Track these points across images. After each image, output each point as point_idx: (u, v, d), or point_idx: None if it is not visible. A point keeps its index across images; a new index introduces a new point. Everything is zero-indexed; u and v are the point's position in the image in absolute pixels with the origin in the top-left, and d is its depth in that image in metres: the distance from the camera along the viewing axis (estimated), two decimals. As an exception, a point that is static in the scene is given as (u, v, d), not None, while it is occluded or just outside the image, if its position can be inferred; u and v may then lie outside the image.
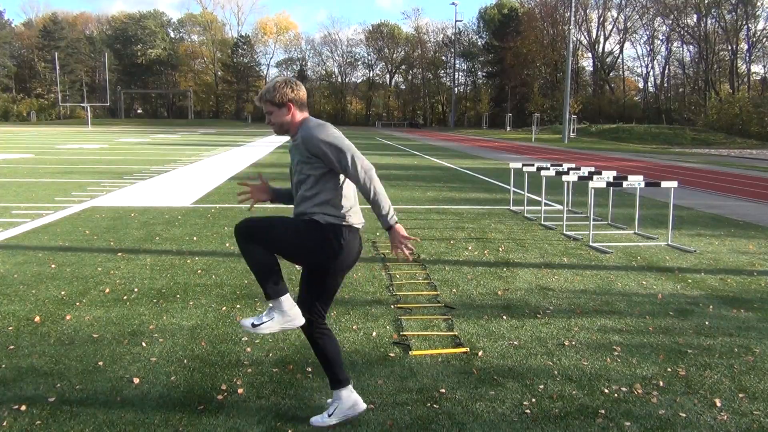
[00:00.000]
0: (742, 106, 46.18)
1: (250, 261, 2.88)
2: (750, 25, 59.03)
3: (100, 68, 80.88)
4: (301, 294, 3.08)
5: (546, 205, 9.59)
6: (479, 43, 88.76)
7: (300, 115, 2.93)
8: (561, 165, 9.51)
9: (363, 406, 3.12)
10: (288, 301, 2.90)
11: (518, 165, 10.33)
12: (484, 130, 66.90)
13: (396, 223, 2.85)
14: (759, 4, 57.09)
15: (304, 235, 2.86)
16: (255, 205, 3.34)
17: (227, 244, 7.12)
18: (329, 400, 3.15)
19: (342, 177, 2.90)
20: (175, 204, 10.30)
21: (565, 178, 8.31)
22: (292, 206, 3.04)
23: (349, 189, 2.96)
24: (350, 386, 3.10)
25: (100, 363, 3.74)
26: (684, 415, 3.24)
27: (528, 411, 3.24)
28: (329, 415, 3.05)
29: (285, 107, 2.89)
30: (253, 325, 2.88)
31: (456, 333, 4.37)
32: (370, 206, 2.85)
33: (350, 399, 3.07)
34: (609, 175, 8.61)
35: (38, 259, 6.26)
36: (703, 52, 61.57)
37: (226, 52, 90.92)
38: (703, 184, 15.62)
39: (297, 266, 5.38)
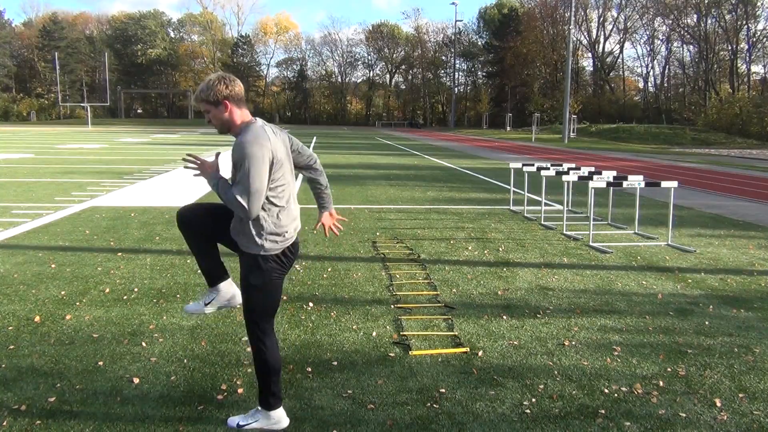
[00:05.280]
0: (742, 106, 46.17)
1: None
2: (750, 25, 59.00)
3: (100, 68, 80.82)
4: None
5: (546, 205, 9.59)
6: (479, 43, 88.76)
7: (239, 113, 2.85)
8: (561, 165, 9.51)
9: (239, 299, 3.11)
10: (225, 285, 3.10)
11: (518, 165, 10.33)
12: (484, 130, 66.89)
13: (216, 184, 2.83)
14: (759, 4, 57.08)
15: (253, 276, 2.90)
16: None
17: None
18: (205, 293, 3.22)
19: (277, 197, 2.87)
20: (175, 204, 10.30)
21: (565, 178, 8.31)
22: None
23: (285, 212, 2.91)
24: (230, 279, 3.15)
25: (100, 363, 3.74)
26: (684, 415, 3.24)
27: (528, 411, 3.25)
28: (206, 304, 3.13)
29: (221, 105, 2.82)
30: (238, 425, 3.00)
31: (456, 333, 4.37)
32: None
33: (229, 291, 3.13)
34: (609, 175, 8.62)
35: (38, 259, 6.26)
36: (703, 52, 61.53)
37: (226, 52, 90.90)
38: (703, 184, 15.62)
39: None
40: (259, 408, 3.03)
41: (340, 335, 4.28)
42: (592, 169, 9.17)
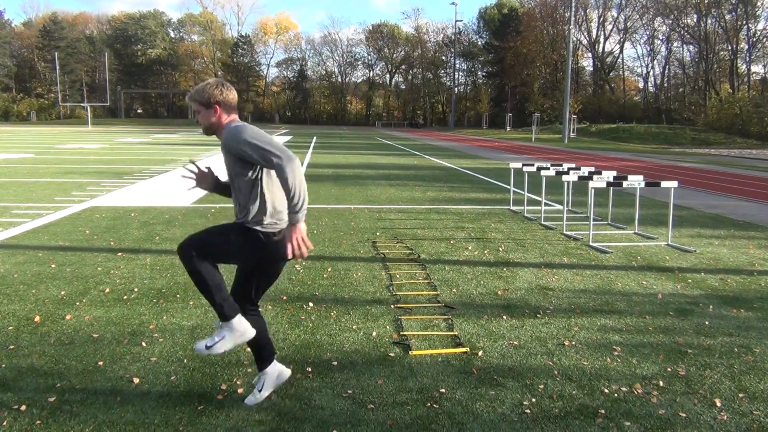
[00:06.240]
0: (742, 106, 46.19)
1: (198, 282, 2.94)
2: (750, 25, 59.02)
3: (100, 68, 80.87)
4: (235, 287, 3.20)
5: (546, 205, 9.59)
6: (479, 43, 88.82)
7: (226, 118, 3.01)
8: (561, 165, 9.51)
9: (287, 372, 3.30)
10: (238, 318, 3.00)
11: (518, 165, 10.33)
12: (484, 130, 66.91)
13: (300, 222, 2.85)
14: (759, 4, 57.08)
15: (239, 243, 2.97)
16: (193, 188, 3.42)
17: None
18: (255, 379, 3.31)
19: (273, 180, 2.95)
20: (175, 204, 10.30)
21: (565, 178, 8.31)
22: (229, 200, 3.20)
23: (280, 193, 2.96)
24: (275, 360, 3.27)
25: (100, 363, 3.74)
26: (684, 415, 3.24)
27: (528, 411, 3.24)
28: (260, 390, 3.22)
29: (212, 108, 2.96)
30: (207, 347, 2.99)
31: (456, 333, 4.37)
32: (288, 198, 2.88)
33: (275, 370, 3.24)
34: (609, 175, 8.61)
35: (38, 259, 6.26)
36: (703, 52, 61.54)
37: (226, 51, 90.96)
38: (703, 184, 15.62)
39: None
40: (220, 323, 3.03)
41: (340, 335, 4.28)
42: (592, 169, 9.16)
